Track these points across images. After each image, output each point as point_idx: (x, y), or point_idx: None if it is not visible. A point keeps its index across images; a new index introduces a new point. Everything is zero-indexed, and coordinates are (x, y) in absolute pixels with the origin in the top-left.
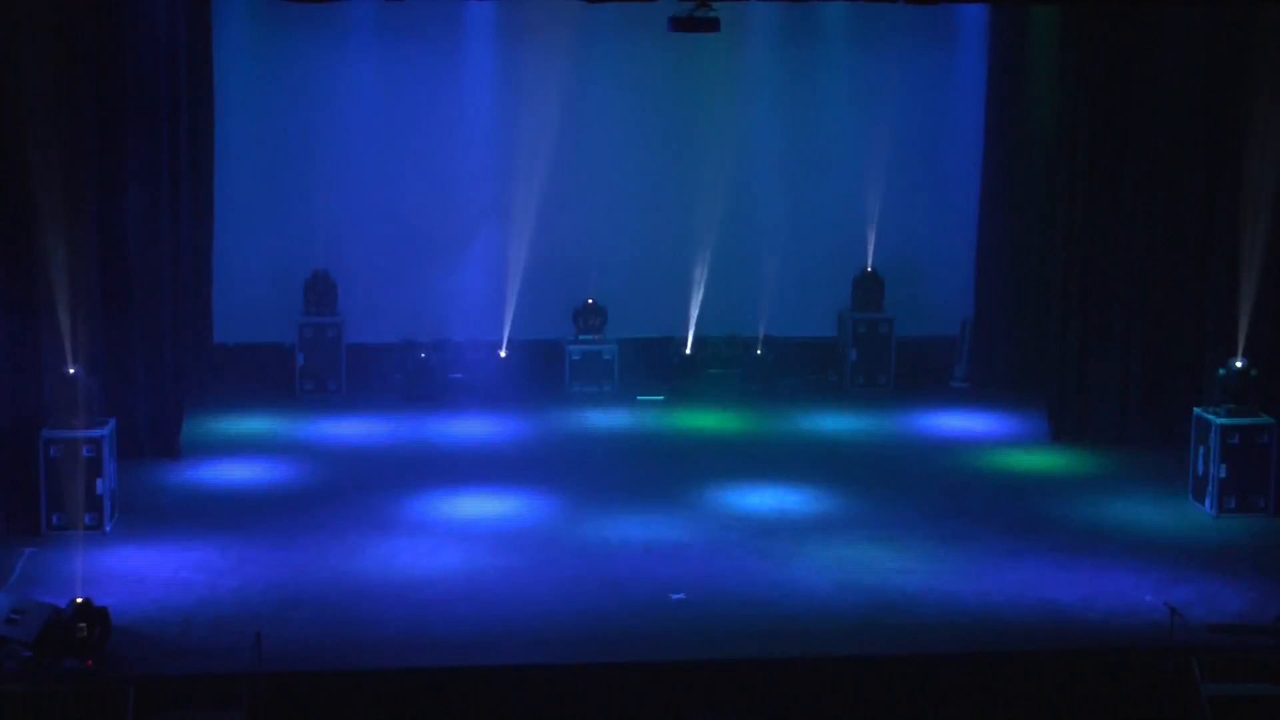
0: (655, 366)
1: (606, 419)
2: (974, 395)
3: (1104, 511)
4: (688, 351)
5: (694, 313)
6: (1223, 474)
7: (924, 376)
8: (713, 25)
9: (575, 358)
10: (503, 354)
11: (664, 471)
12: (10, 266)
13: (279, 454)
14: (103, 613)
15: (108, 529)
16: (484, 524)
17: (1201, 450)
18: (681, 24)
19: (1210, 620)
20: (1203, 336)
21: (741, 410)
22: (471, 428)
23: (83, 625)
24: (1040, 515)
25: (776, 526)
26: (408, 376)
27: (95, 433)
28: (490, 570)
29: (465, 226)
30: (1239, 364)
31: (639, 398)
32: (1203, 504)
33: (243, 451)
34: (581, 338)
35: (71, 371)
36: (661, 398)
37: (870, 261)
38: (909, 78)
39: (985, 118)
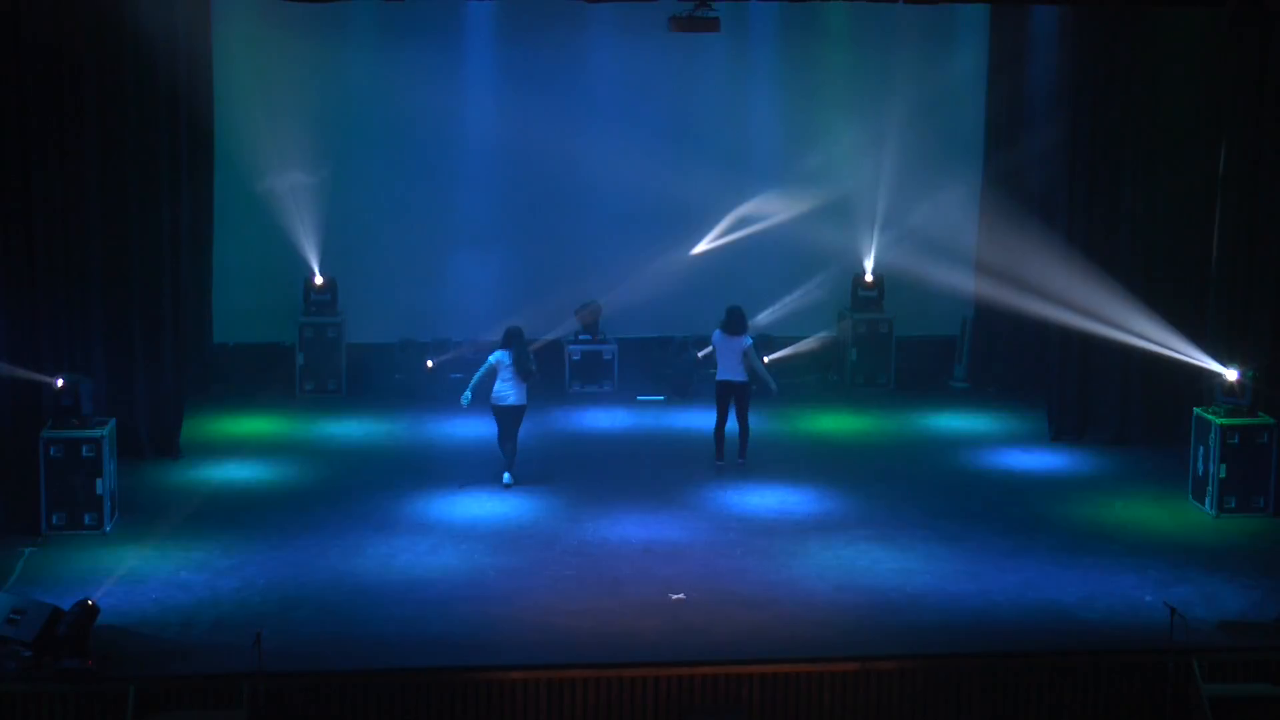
0: None
1: (606, 419)
2: (974, 395)
3: (1104, 511)
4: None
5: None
6: (1223, 474)
7: (924, 376)
8: (713, 25)
9: (575, 358)
10: None
11: (664, 471)
12: (10, 267)
13: (279, 454)
14: (84, 611)
15: (108, 529)
16: (483, 524)
17: (1201, 450)
18: (681, 24)
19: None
20: (1203, 336)
21: None
22: (471, 428)
23: (63, 624)
24: (1040, 515)
25: (776, 526)
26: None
27: (95, 433)
28: (490, 570)
29: (465, 226)
30: (1231, 376)
31: (639, 398)
32: (1203, 504)
33: (243, 451)
34: (581, 337)
35: (60, 384)
36: (662, 398)
37: (870, 262)
38: (909, 77)
39: (985, 118)
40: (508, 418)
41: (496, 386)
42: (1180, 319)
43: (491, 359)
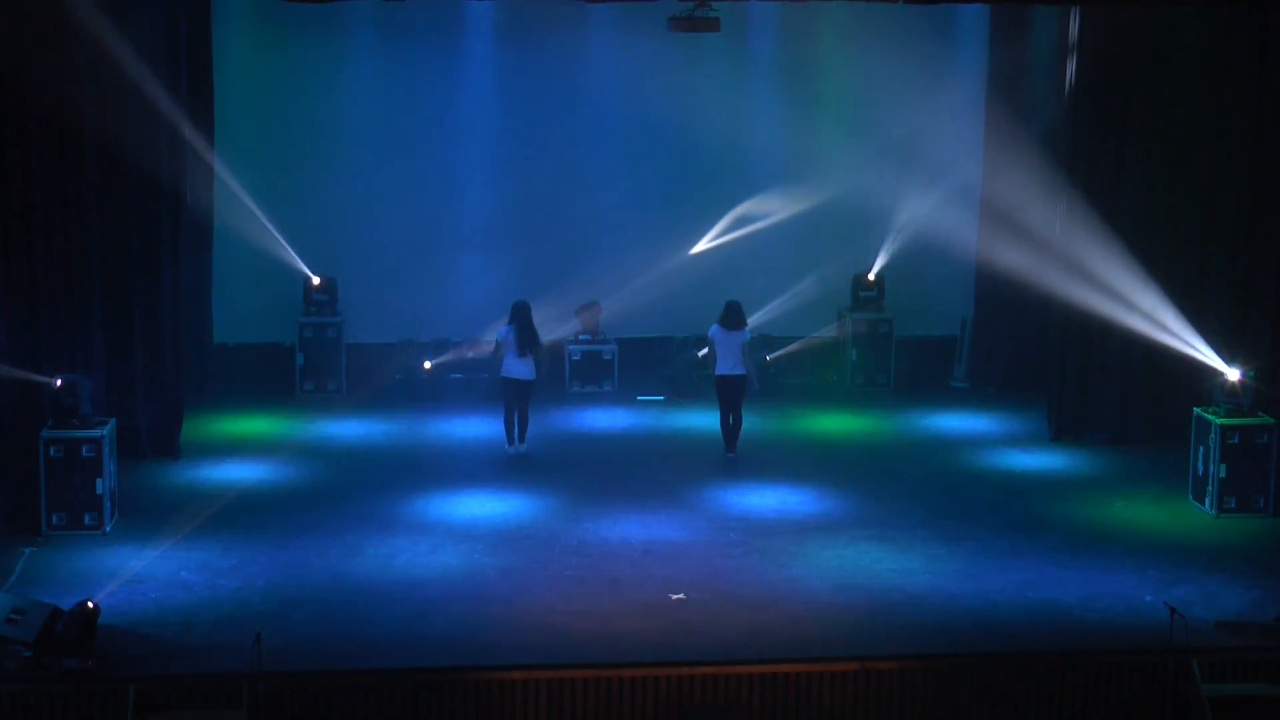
0: None
1: (606, 419)
2: (974, 395)
3: (1104, 511)
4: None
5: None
6: (1223, 474)
7: (924, 376)
8: (713, 25)
9: (575, 358)
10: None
11: (664, 471)
12: (10, 267)
13: (279, 454)
14: (84, 611)
15: (108, 529)
16: (483, 524)
17: (1201, 450)
18: (681, 24)
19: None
20: (1204, 336)
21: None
22: (471, 428)
23: (64, 625)
24: (1040, 515)
25: (776, 526)
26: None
27: (95, 433)
28: (489, 570)
29: (465, 226)
30: (1233, 376)
31: (639, 398)
32: (1203, 504)
33: (243, 451)
34: (581, 337)
35: (60, 384)
36: (662, 398)
37: (870, 262)
38: (909, 78)
39: (985, 118)
40: (512, 392)
41: (505, 361)
42: (1180, 319)
43: (498, 335)
